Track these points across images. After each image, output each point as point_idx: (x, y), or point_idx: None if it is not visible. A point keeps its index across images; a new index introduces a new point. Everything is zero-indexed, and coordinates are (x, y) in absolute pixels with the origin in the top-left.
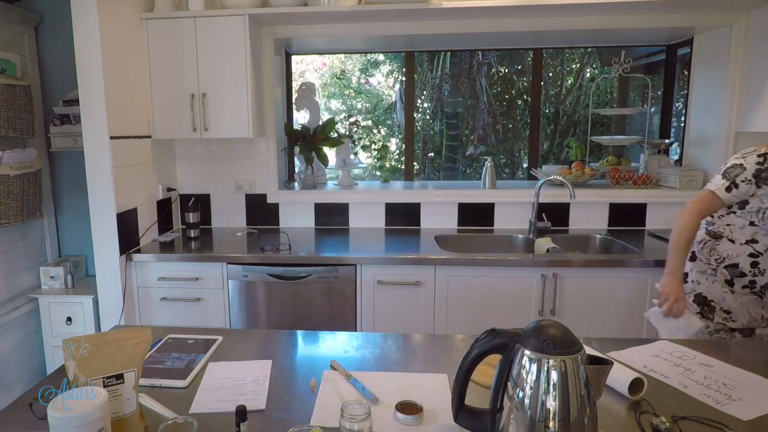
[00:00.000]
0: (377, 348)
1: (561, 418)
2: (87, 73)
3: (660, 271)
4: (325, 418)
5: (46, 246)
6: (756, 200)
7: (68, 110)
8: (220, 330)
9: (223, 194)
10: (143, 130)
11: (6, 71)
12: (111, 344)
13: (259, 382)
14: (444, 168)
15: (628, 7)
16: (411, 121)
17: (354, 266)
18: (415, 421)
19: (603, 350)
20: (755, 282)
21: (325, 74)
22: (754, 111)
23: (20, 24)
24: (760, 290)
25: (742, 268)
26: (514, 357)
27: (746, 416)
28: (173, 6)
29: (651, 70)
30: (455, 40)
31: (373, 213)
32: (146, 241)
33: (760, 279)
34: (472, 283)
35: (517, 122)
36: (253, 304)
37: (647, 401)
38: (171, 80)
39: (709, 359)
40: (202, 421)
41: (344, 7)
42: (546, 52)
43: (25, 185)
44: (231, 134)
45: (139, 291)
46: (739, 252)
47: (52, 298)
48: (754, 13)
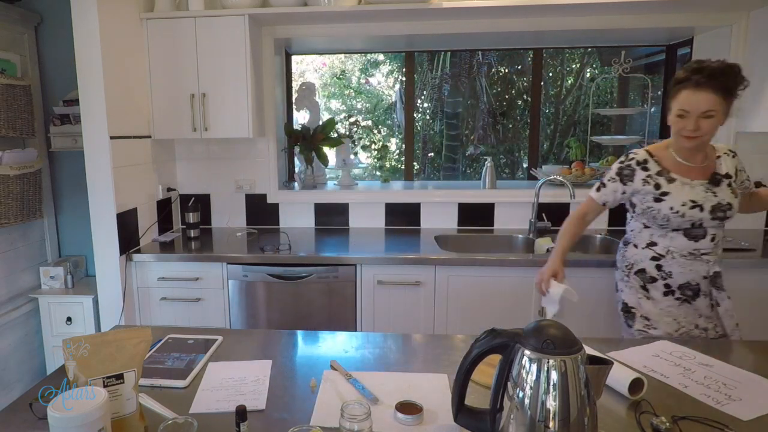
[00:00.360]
0: (377, 348)
1: (561, 418)
2: (87, 73)
3: None
4: (325, 418)
5: (46, 246)
6: (638, 201)
7: (68, 110)
8: (220, 330)
9: (223, 194)
10: (143, 130)
11: (6, 71)
12: (111, 344)
13: (259, 382)
14: (444, 168)
15: (628, 7)
16: (411, 121)
17: (354, 266)
18: (415, 421)
19: (603, 350)
20: (670, 285)
21: (325, 74)
22: (754, 111)
23: (20, 24)
24: (684, 295)
25: (650, 273)
26: (514, 357)
27: (746, 416)
28: (173, 6)
29: (651, 70)
30: (455, 40)
31: (373, 213)
32: (146, 241)
33: (672, 281)
34: (472, 283)
35: (518, 122)
36: (253, 304)
37: (647, 401)
38: (171, 80)
39: (709, 359)
40: (202, 421)
41: (344, 7)
42: (546, 52)
43: (25, 185)
44: (231, 134)
45: (139, 291)
46: (642, 257)
47: (52, 298)
48: (754, 13)
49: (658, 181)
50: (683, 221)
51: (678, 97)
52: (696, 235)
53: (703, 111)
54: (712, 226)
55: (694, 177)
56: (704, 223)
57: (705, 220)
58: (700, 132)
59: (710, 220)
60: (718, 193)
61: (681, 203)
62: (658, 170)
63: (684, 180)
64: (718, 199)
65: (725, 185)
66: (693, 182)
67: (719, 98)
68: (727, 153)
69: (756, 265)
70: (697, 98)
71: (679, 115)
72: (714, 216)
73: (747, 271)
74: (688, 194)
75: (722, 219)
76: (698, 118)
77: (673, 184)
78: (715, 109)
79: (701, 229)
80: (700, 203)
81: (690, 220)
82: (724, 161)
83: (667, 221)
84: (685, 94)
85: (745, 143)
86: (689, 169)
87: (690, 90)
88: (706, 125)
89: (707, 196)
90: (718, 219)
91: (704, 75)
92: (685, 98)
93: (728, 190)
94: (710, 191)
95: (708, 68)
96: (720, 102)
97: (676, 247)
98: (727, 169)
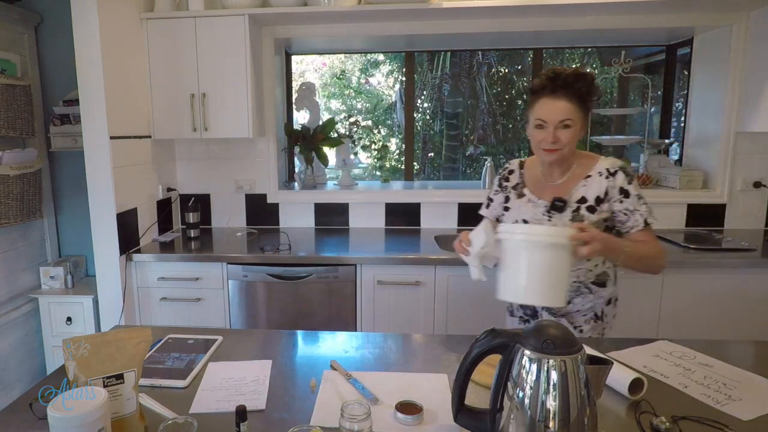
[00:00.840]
0: (377, 348)
1: (561, 418)
2: (87, 73)
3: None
4: (325, 418)
5: (46, 246)
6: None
7: (68, 110)
8: (220, 330)
9: (223, 194)
10: (143, 130)
11: (6, 71)
12: (111, 344)
13: (259, 382)
14: (444, 168)
15: (628, 7)
16: (411, 121)
17: (354, 266)
18: (415, 421)
19: (603, 350)
20: (511, 304)
21: (325, 74)
22: (754, 111)
23: (20, 24)
24: (526, 315)
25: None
26: (514, 357)
27: (746, 416)
28: (173, 6)
29: (651, 70)
30: (455, 40)
31: (373, 213)
32: (146, 241)
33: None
34: (472, 283)
35: (518, 122)
36: (253, 304)
37: (647, 401)
38: (171, 80)
39: (709, 359)
40: (202, 421)
41: (344, 7)
42: (546, 52)
43: (25, 185)
44: (231, 134)
45: (139, 291)
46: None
47: (52, 298)
48: (754, 13)
49: (509, 194)
50: None
51: (535, 107)
52: None
53: (561, 120)
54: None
55: (544, 196)
56: None
57: None
58: (559, 144)
59: None
60: (554, 218)
61: (513, 220)
62: (516, 183)
63: (532, 197)
64: (549, 224)
65: (569, 212)
66: (538, 201)
67: (575, 106)
68: (604, 172)
69: (756, 265)
70: (554, 107)
71: (538, 125)
72: None
73: (747, 271)
74: (523, 213)
75: None
76: (556, 129)
77: (520, 200)
78: (572, 118)
79: None
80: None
81: None
82: (593, 183)
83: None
84: (542, 103)
85: (745, 143)
86: (544, 187)
87: (546, 98)
88: (565, 136)
89: (542, 219)
90: None
91: (559, 82)
92: (541, 107)
93: (569, 217)
94: (547, 215)
95: (563, 75)
96: (576, 110)
97: None
98: (587, 193)
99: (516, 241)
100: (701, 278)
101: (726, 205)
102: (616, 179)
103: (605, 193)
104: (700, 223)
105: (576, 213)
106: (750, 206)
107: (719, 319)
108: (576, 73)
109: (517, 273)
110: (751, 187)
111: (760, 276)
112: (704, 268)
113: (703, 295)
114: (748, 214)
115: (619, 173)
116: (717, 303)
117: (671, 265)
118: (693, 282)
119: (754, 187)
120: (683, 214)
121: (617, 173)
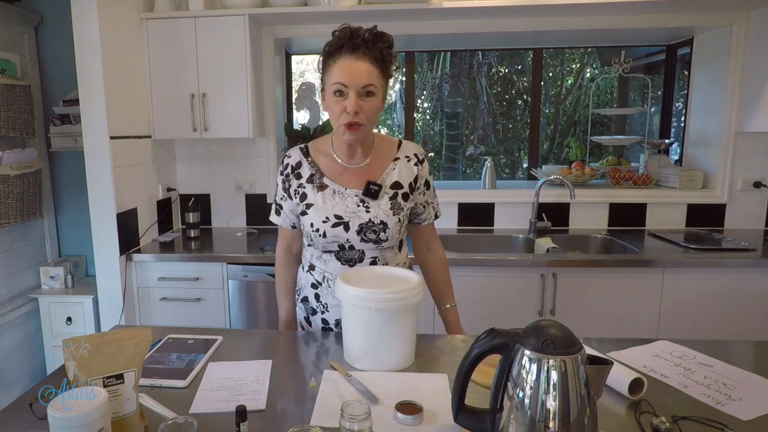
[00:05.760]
0: None
1: (561, 418)
2: (87, 73)
3: (660, 272)
4: (325, 418)
5: (46, 246)
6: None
7: (68, 110)
8: (220, 330)
9: (223, 194)
10: (143, 130)
11: (6, 71)
12: (111, 344)
13: (259, 382)
14: (444, 168)
15: (628, 7)
16: (411, 121)
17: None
18: (415, 421)
19: (603, 350)
20: (327, 321)
21: None
22: (754, 111)
23: (20, 24)
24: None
25: (311, 303)
26: (514, 357)
27: (746, 416)
28: (173, 6)
29: (651, 70)
30: (455, 40)
31: None
32: (146, 241)
33: (328, 315)
34: (471, 283)
35: (518, 122)
36: (253, 304)
37: (647, 401)
38: (171, 80)
39: (709, 359)
40: (202, 421)
41: (344, 7)
42: (546, 52)
43: (25, 185)
44: (231, 134)
45: (139, 291)
46: (305, 282)
47: (52, 298)
48: (754, 13)
49: (305, 190)
50: (327, 242)
51: (332, 70)
52: (350, 259)
53: (364, 85)
54: (369, 248)
55: (349, 184)
56: (355, 245)
57: (354, 242)
58: (362, 116)
59: (359, 242)
60: (372, 207)
61: (322, 219)
62: (310, 174)
63: (337, 187)
64: (369, 215)
65: (386, 198)
66: (347, 191)
67: (378, 72)
68: (413, 158)
69: (756, 265)
70: (356, 68)
71: (337, 91)
72: (364, 238)
73: (747, 271)
74: (333, 208)
75: (375, 242)
76: (359, 97)
77: (322, 192)
78: (375, 84)
79: (354, 251)
80: (347, 220)
81: (335, 241)
82: (402, 167)
83: (311, 241)
84: (341, 64)
85: (745, 143)
86: (346, 173)
87: (346, 58)
88: (368, 107)
89: (357, 211)
90: (370, 242)
91: (359, 39)
92: (340, 69)
93: (388, 205)
94: (363, 205)
95: (361, 31)
96: (379, 77)
97: (331, 272)
98: (401, 178)
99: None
100: (701, 278)
101: (726, 205)
102: (423, 168)
103: (415, 180)
104: (700, 223)
105: (394, 200)
106: (750, 206)
107: (719, 319)
108: (376, 32)
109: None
110: (751, 187)
111: (760, 276)
112: (704, 268)
113: (703, 295)
114: (748, 214)
115: (425, 162)
116: (717, 303)
117: (671, 265)
118: (693, 282)
119: (754, 187)
120: (683, 214)
121: (424, 162)
